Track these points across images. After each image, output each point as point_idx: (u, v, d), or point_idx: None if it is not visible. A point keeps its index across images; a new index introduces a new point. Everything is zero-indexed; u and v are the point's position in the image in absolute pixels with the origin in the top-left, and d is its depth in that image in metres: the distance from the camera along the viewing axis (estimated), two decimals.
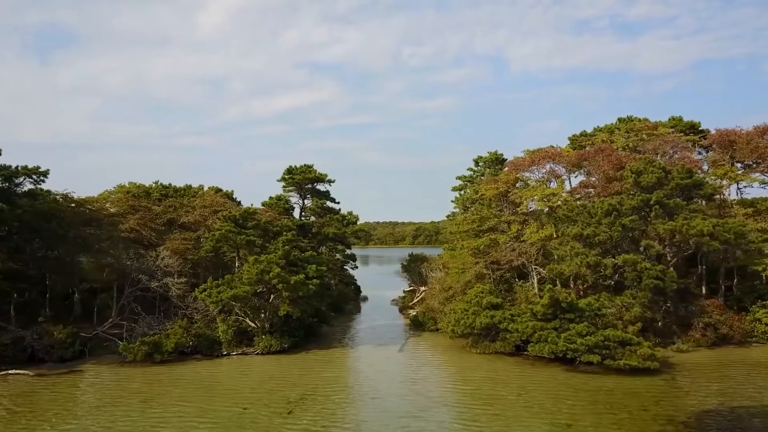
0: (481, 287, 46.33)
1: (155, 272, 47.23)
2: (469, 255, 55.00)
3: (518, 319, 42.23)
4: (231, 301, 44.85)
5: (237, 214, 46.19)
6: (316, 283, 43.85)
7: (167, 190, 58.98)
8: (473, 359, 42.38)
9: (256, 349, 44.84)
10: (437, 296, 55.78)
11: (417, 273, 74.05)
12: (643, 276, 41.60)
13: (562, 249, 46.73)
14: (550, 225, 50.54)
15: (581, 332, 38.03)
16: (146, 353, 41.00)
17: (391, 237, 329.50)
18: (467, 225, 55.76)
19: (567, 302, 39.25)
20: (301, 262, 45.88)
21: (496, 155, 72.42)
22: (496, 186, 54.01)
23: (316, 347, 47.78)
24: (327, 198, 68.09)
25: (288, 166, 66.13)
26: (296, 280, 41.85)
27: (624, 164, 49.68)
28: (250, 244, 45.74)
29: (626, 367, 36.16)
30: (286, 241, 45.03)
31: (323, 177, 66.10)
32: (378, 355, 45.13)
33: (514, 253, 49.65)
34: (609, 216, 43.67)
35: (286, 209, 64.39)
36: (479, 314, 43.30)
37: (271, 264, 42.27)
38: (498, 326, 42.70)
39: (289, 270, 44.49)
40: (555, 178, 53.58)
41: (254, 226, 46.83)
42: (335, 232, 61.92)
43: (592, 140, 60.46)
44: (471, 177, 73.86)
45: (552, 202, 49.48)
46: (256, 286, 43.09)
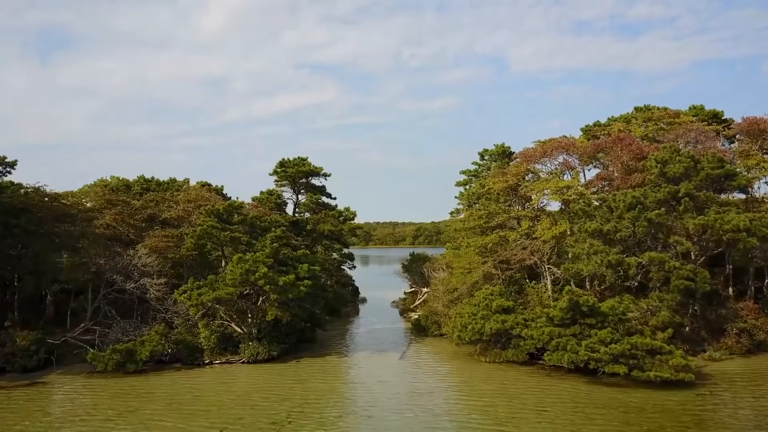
0: (490, 289, 42.27)
1: (132, 272, 43.14)
2: (475, 254, 50.91)
3: (532, 324, 38.18)
4: (215, 304, 40.83)
5: (220, 208, 42.11)
6: (308, 285, 39.80)
7: (149, 184, 54.96)
8: (482, 369, 38.34)
9: (242, 357, 40.82)
10: (441, 298, 51.71)
11: (418, 273, 69.95)
12: (671, 276, 37.54)
13: (579, 246, 42.65)
14: (564, 221, 46.48)
15: (605, 339, 33.96)
16: (118, 363, 36.99)
17: (391, 237, 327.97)
18: (473, 221, 51.71)
19: (588, 305, 35.19)
20: (291, 261, 41.83)
21: (503, 148, 68.45)
22: (505, 179, 49.99)
23: (309, 354, 43.71)
24: (322, 193, 63.96)
25: (281, 159, 62.20)
26: (285, 281, 37.80)
27: (645, 154, 45.68)
28: (235, 242, 41.68)
29: (657, 379, 32.10)
30: (274, 238, 40.97)
31: (318, 170, 62.03)
32: (377, 364, 41.09)
33: (526, 251, 45.59)
34: (632, 210, 39.61)
35: (278, 205, 60.23)
36: (489, 319, 39.23)
37: (258, 263, 38.21)
38: (510, 332, 38.67)
39: (278, 270, 40.44)
40: (569, 170, 49.55)
41: (240, 222, 42.76)
42: (331, 230, 57.86)
43: (606, 130, 56.41)
44: (476, 171, 69.86)
45: (567, 195, 45.43)
46: (240, 287, 39.04)
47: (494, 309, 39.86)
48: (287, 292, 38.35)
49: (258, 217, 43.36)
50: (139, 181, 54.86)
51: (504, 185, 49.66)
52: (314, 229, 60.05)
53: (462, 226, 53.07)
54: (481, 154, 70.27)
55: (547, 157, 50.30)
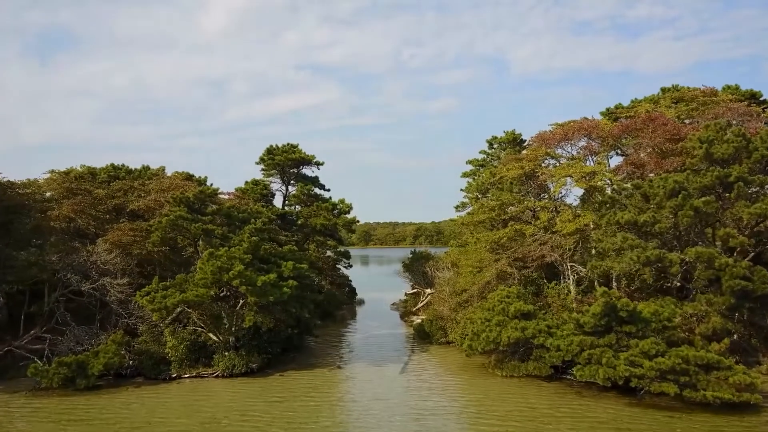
0: (506, 290, 36.56)
1: (89, 271, 37.38)
2: (485, 250, 45.19)
3: (558, 332, 32.50)
4: (185, 307, 35.16)
5: (191, 196, 36.34)
6: (293, 285, 34.10)
7: (118, 172, 49.19)
8: (498, 384, 32.65)
9: (215, 369, 35.08)
10: (447, 301, 46.01)
11: (420, 273, 64.22)
12: (723, 275, 31.76)
13: (608, 241, 36.82)
14: (588, 212, 40.70)
15: (648, 351, 28.29)
16: (65, 378, 31.32)
17: (392, 237, 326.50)
18: (483, 214, 45.98)
19: (628, 310, 29.47)
20: (275, 258, 36.12)
21: (513, 135, 62.73)
22: (521, 164, 44.21)
23: (296, 366, 38.00)
24: (315, 184, 58.19)
25: (268, 146, 56.38)
26: (265, 281, 32.09)
27: (683, 135, 39.91)
28: (208, 235, 35.96)
29: (715, 401, 26.37)
30: (254, 231, 35.24)
31: (310, 159, 56.31)
32: (375, 377, 35.40)
33: (545, 247, 39.85)
34: (674, 197, 33.81)
35: (264, 196, 54.46)
36: (506, 326, 33.52)
37: (233, 260, 32.50)
38: (530, 342, 32.94)
39: (258, 268, 34.75)
40: (592, 155, 43.74)
41: (215, 212, 36.98)
42: (324, 224, 52.16)
43: (632, 112, 50.59)
44: (483, 161, 64.10)
45: (594, 182, 39.64)
46: (214, 288, 33.28)
47: (512, 314, 34.16)
48: (268, 294, 32.62)
49: (236, 207, 37.65)
50: (107, 169, 49.17)
51: (520, 172, 43.89)
52: (306, 223, 54.37)
53: (471, 219, 47.33)
54: (490, 141, 64.53)
55: (567, 141, 44.53)
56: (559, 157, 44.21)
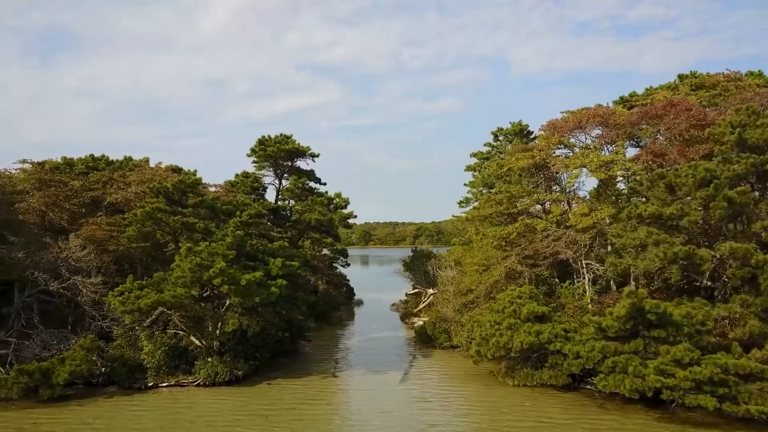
0: (518, 290, 33.35)
1: (60, 269, 34.19)
2: (493, 247, 41.98)
3: (576, 337, 29.34)
4: (166, 309, 32.01)
5: (169, 186, 33.12)
6: (282, 285, 30.91)
7: (97, 163, 45.96)
8: (510, 395, 29.48)
9: (196, 378, 31.88)
10: (451, 302, 42.84)
11: (422, 272, 61.03)
12: (760, 274, 28.56)
13: (629, 236, 33.61)
14: (605, 205, 37.52)
15: (681, 359, 25.11)
16: (27, 388, 28.13)
17: (392, 237, 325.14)
18: (490, 207, 42.74)
19: (657, 313, 26.26)
20: (262, 254, 32.91)
21: (521, 126, 59.57)
22: (531, 154, 41.00)
23: (286, 374, 34.81)
24: (310, 177, 54.98)
25: (260, 137, 53.17)
26: (250, 280, 28.90)
27: (709, 121, 36.69)
28: (189, 229, 32.78)
29: (761, 415, 23.20)
30: (239, 225, 32.03)
31: (304, 150, 53.09)
32: (373, 387, 32.24)
33: (559, 243, 36.66)
34: (705, 187, 30.59)
35: (255, 189, 51.20)
36: (518, 329, 30.33)
37: (214, 256, 29.30)
38: (546, 347, 29.74)
39: (244, 265, 31.59)
40: (608, 144, 40.48)
41: (197, 204, 33.77)
42: (319, 219, 48.91)
43: (649, 100, 47.37)
44: (488, 154, 60.88)
45: (613, 171, 36.43)
46: (194, 288, 30.08)
47: (524, 316, 30.97)
48: (253, 295, 29.45)
49: (220, 199, 34.44)
50: (86, 160, 45.95)
51: (529, 162, 40.67)
52: (300, 219, 51.19)
53: (477, 213, 44.06)
54: (495, 133, 61.32)
55: (581, 129, 41.31)
56: (572, 146, 41.00)
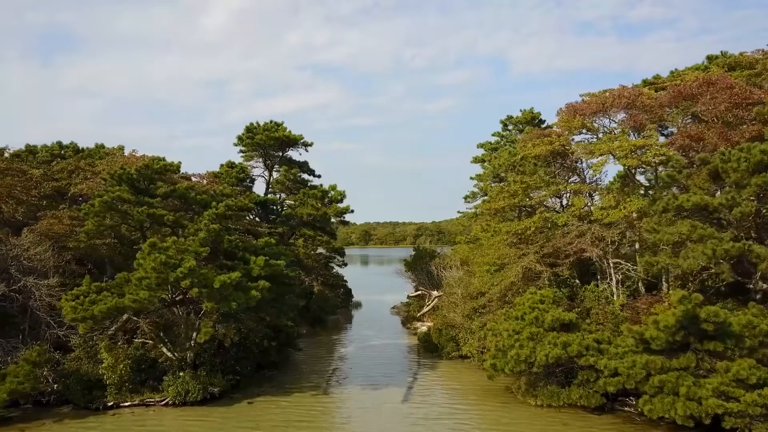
0: (539, 293, 28.84)
1: (9, 268, 29.69)
2: (505, 245, 37.55)
3: (611, 349, 24.88)
4: (131, 315, 27.61)
5: (133, 171, 28.63)
6: (264, 287, 26.40)
7: (65, 150, 41.45)
8: (533, 417, 25.03)
9: (164, 396, 27.40)
10: (459, 306, 38.40)
11: (425, 273, 56.57)
12: None
13: (666, 231, 29.09)
14: (635, 195, 33.07)
15: (746, 379, 20.63)
16: None
17: (392, 237, 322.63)
18: (503, 200, 38.25)
19: (715, 322, 21.77)
20: (242, 251, 28.42)
21: (532, 114, 55.07)
22: (549, 139, 36.53)
23: (271, 390, 30.37)
24: (303, 169, 50.50)
25: (248, 124, 48.65)
26: (225, 282, 24.40)
27: (755, 99, 32.24)
28: (157, 222, 28.30)
29: None
30: (215, 217, 27.52)
31: (297, 138, 48.56)
32: (371, 406, 27.83)
33: (584, 239, 32.18)
34: (760, 173, 26.10)
35: (242, 180, 46.68)
36: (541, 340, 25.87)
37: (184, 253, 24.81)
38: (575, 361, 25.26)
39: (220, 265, 27.14)
40: (637, 129, 35.93)
41: (167, 194, 29.25)
42: (312, 214, 44.41)
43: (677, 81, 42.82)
44: (497, 144, 56.33)
45: (646, 157, 31.89)
46: (161, 291, 25.60)
47: (548, 324, 26.51)
48: (229, 299, 24.99)
49: (194, 188, 29.98)
50: (51, 147, 41.49)
51: (547, 148, 36.18)
52: (292, 213, 46.70)
53: (489, 206, 39.52)
54: (504, 122, 56.78)
55: (604, 113, 36.78)
56: (596, 131, 36.49)
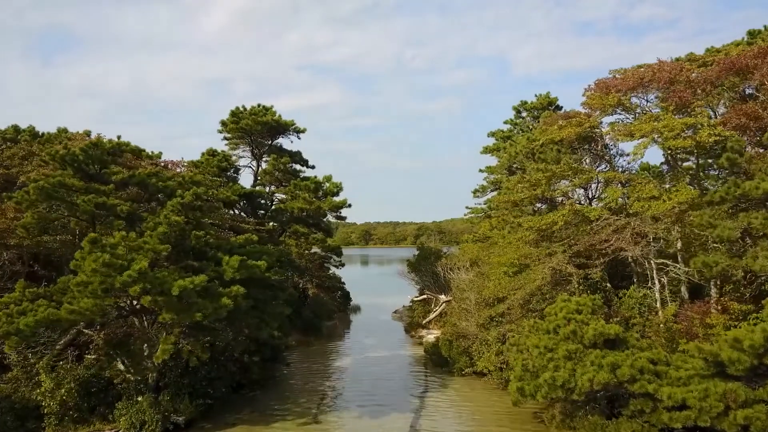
0: (574, 301, 23.79)
1: None
2: (524, 245, 32.53)
3: (671, 372, 19.91)
4: (81, 327, 22.69)
5: (78, 152, 23.58)
6: (239, 293, 21.38)
7: (21, 135, 36.44)
8: None
9: (116, 426, 22.39)
10: (473, 313, 33.34)
11: (430, 274, 51.53)
12: None
13: (725, 226, 24.09)
14: (683, 184, 28.07)
15: None
16: None
17: (392, 236, 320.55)
18: (523, 191, 33.19)
19: None
20: (214, 250, 23.41)
21: (548, 99, 50.12)
22: (578, 120, 31.53)
23: (250, 417, 25.36)
24: (295, 159, 45.41)
25: (233, 108, 43.61)
26: (186, 288, 19.38)
27: None
28: (109, 213, 23.27)
29: None
30: (180, 208, 22.45)
31: (287, 124, 43.50)
32: None
33: (623, 235, 27.14)
34: None
35: (224, 170, 41.48)
36: (582, 360, 20.88)
37: (136, 253, 19.79)
38: (625, 387, 20.23)
39: (186, 266, 22.16)
40: (680, 108, 30.84)
41: (123, 181, 24.18)
42: (304, 208, 39.30)
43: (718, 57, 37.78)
44: (510, 132, 51.35)
45: (701, 137, 26.81)
46: (108, 299, 20.56)
47: (589, 340, 21.49)
48: (192, 309, 19.97)
49: (157, 174, 25.01)
50: (5, 132, 36.53)
51: (576, 130, 31.16)
52: (282, 208, 41.71)
53: (506, 199, 34.44)
54: (517, 108, 51.77)
55: (643, 90, 31.75)
56: (634, 109, 31.46)
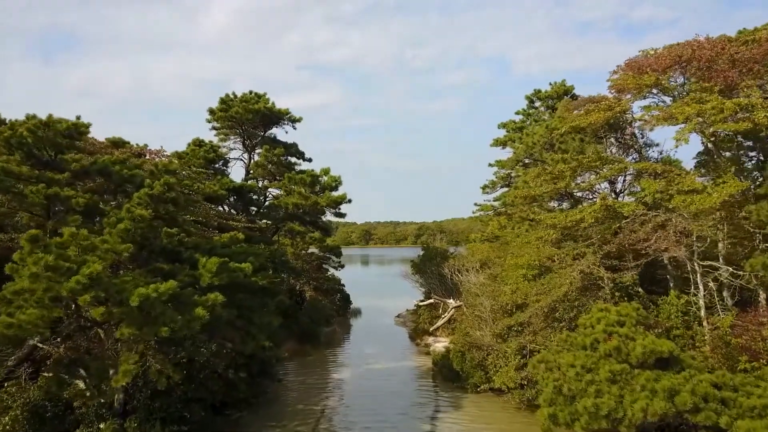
0: (614, 310, 20.19)
1: None
2: (544, 244, 28.98)
3: (740, 400, 16.45)
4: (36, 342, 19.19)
5: (26, 133, 19.94)
6: (217, 301, 17.81)
7: None
8: None
9: None
10: (488, 321, 29.72)
11: (436, 276, 47.96)
12: None
13: None
14: (729, 175, 24.52)
15: None
16: None
17: (393, 236, 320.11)
18: (543, 185, 29.58)
19: None
20: (190, 250, 19.85)
21: (564, 87, 46.57)
22: (608, 103, 27.95)
23: None
24: (290, 151, 41.75)
25: (223, 95, 39.99)
26: (148, 297, 15.83)
27: None
28: (63, 206, 19.71)
29: None
30: (147, 200, 18.87)
31: (282, 113, 39.86)
32: None
33: (666, 234, 23.58)
34: None
35: (212, 162, 37.67)
36: (629, 384, 17.39)
37: (91, 254, 16.24)
38: (685, 417, 16.69)
39: (153, 269, 18.59)
40: (724, 90, 27.22)
41: (85, 169, 20.60)
42: (299, 204, 35.58)
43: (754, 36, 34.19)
44: (522, 123, 47.79)
45: (759, 118, 23.25)
46: (56, 310, 17.00)
47: (637, 358, 17.91)
48: (158, 322, 16.39)
49: (127, 161, 21.39)
50: None
51: (605, 116, 27.57)
52: (276, 205, 38.14)
53: (527, 193, 30.75)
54: (530, 97, 48.26)
55: (677, 70, 28.18)
56: (672, 90, 27.87)
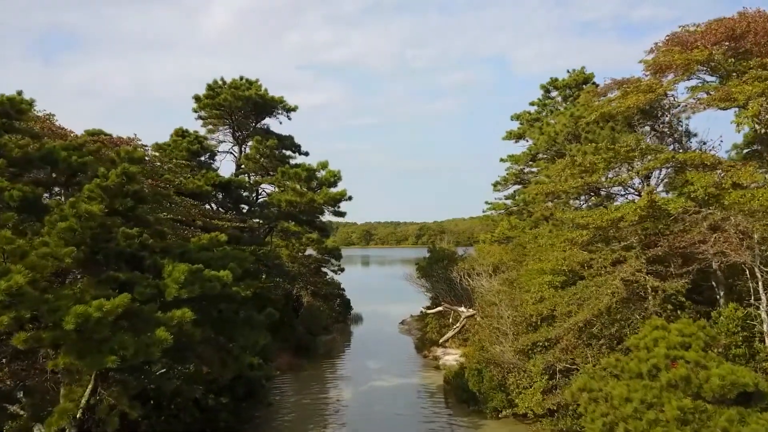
0: (675, 329, 16.51)
1: None
2: (572, 247, 25.31)
3: None
4: None
5: None
6: (185, 319, 14.14)
7: None
8: None
9: None
10: (508, 335, 26.00)
11: (444, 280, 44.30)
12: None
13: None
14: None
15: None
16: None
17: (393, 237, 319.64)
18: (569, 179, 25.93)
19: None
20: (155, 254, 16.15)
21: (583, 75, 42.93)
22: (648, 84, 24.36)
23: None
24: (285, 143, 37.99)
25: (210, 82, 36.29)
26: (89, 317, 12.15)
27: None
28: None
29: None
30: (100, 194, 15.26)
31: (276, 102, 36.17)
32: None
33: (728, 236, 19.99)
34: None
35: (196, 154, 33.80)
36: (705, 426, 13.58)
37: (18, 261, 12.55)
38: None
39: (108, 278, 14.88)
40: None
41: (28, 157, 16.94)
42: (294, 201, 31.84)
43: None
44: (538, 114, 44.23)
45: None
46: None
47: (712, 391, 14.31)
48: (104, 349, 12.68)
49: (81, 147, 17.80)
50: None
51: (644, 98, 23.96)
52: (269, 202, 34.48)
53: (554, 188, 27.01)
54: (546, 87, 44.65)
55: (730, 45, 24.57)
56: (726, 67, 24.23)
